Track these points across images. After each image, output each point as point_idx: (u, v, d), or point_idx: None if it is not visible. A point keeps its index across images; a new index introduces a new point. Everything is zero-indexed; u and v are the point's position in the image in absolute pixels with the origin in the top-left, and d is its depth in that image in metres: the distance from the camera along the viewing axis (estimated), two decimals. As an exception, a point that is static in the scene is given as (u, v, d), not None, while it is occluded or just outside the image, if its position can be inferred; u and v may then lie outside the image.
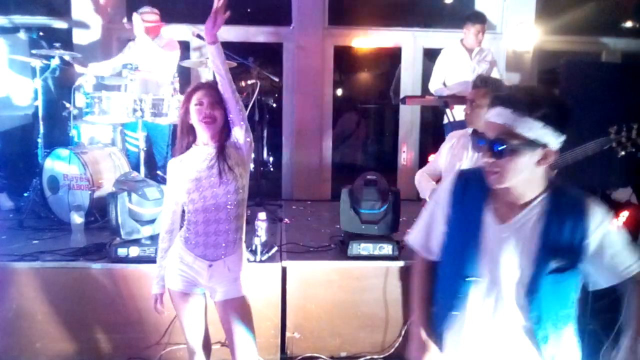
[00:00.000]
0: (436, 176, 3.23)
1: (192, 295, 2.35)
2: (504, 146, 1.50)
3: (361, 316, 3.40)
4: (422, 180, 3.26)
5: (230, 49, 4.82)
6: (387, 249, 3.38)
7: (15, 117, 5.18)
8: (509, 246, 1.57)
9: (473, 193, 1.67)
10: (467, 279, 1.62)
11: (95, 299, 3.26)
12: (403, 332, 3.35)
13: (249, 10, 6.61)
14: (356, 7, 6.50)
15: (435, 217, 1.77)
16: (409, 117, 6.22)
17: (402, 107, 6.20)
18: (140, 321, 3.26)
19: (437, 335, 1.73)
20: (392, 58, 6.59)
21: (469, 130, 3.02)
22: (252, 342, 2.34)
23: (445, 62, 5.04)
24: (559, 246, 1.54)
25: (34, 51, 4.77)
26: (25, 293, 3.27)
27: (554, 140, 1.51)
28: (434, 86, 5.04)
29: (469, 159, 2.91)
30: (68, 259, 3.33)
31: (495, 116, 1.53)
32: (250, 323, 2.34)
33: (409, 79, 6.18)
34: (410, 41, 6.18)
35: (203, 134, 2.29)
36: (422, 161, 6.29)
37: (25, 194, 4.56)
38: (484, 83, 2.88)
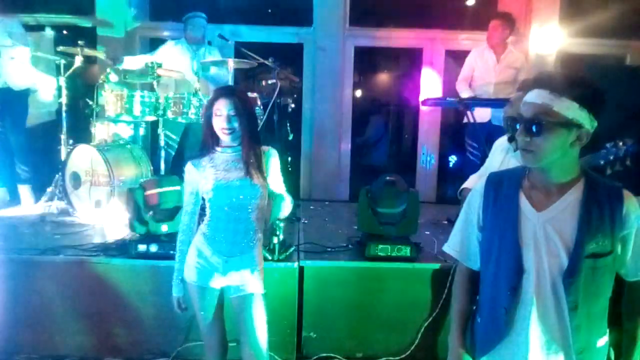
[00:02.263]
0: None
1: (209, 289, 2.38)
2: (541, 124, 1.52)
3: (378, 317, 3.39)
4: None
5: (251, 49, 4.87)
6: (405, 250, 3.36)
7: (40, 114, 5.27)
8: (549, 232, 1.59)
9: (506, 190, 1.69)
10: (514, 274, 1.62)
11: (115, 294, 3.29)
12: (420, 335, 3.33)
13: (269, 10, 6.64)
14: (378, 7, 6.48)
15: (469, 222, 1.79)
16: (429, 119, 6.19)
17: (422, 109, 6.17)
18: (158, 317, 3.29)
19: (478, 345, 1.75)
20: (413, 59, 6.56)
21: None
22: (263, 338, 2.36)
23: (472, 62, 5.01)
24: (597, 231, 1.56)
25: (58, 49, 4.85)
26: (47, 287, 3.32)
27: (588, 122, 1.54)
28: (460, 86, 5.02)
29: (505, 164, 2.87)
30: (89, 254, 3.37)
31: (533, 97, 1.57)
32: (262, 319, 2.37)
33: (429, 81, 6.14)
34: (431, 43, 6.15)
35: (225, 141, 2.34)
36: (442, 163, 6.27)
37: (48, 189, 4.63)
38: (525, 87, 2.86)
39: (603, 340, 1.66)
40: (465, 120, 5.00)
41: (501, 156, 2.99)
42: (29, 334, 3.33)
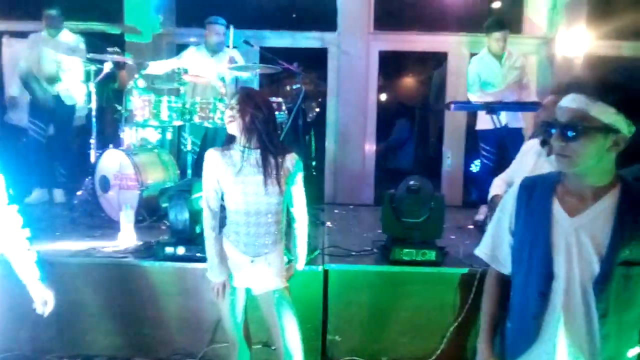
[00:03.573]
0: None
1: (235, 289, 2.42)
2: (578, 129, 1.51)
3: (403, 322, 3.38)
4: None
5: (276, 54, 4.91)
6: (430, 254, 3.34)
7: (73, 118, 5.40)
8: (581, 238, 1.57)
9: (539, 194, 1.67)
10: (544, 279, 1.61)
11: (143, 295, 3.35)
12: (445, 340, 3.31)
13: (294, 15, 6.69)
14: (402, 12, 6.48)
15: (501, 226, 1.78)
16: (454, 123, 6.16)
17: (447, 113, 6.14)
18: (185, 318, 3.34)
19: (508, 351, 1.74)
20: (437, 63, 6.54)
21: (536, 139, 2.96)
22: (296, 329, 2.39)
23: (476, 70, 4.98)
24: (631, 239, 1.53)
25: (89, 55, 4.98)
26: (77, 287, 3.39)
27: (625, 127, 1.51)
28: (473, 94, 4.98)
29: (538, 168, 2.85)
30: (118, 256, 3.44)
31: (569, 101, 1.55)
32: (292, 311, 2.39)
33: (454, 85, 6.12)
34: (456, 46, 6.12)
35: (240, 138, 2.36)
36: (467, 167, 6.23)
37: (79, 193, 4.74)
38: (559, 90, 2.84)
39: (634, 351, 1.62)
40: (479, 127, 4.97)
41: (533, 160, 2.96)
42: (60, 334, 3.40)
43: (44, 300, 2.30)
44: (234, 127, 2.34)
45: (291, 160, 2.40)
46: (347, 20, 6.01)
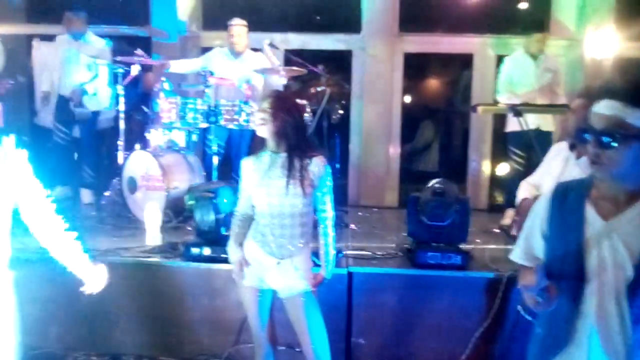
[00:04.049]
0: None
1: (261, 290, 2.44)
2: (615, 137, 1.48)
3: (427, 326, 3.36)
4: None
5: (300, 56, 4.93)
6: (455, 258, 3.31)
7: (100, 121, 5.49)
8: (615, 242, 1.55)
9: (573, 198, 1.65)
10: (576, 283, 1.59)
11: (169, 295, 3.39)
12: (471, 345, 3.28)
13: (318, 18, 6.70)
14: (427, 14, 6.44)
15: (534, 230, 1.76)
16: (480, 125, 6.10)
17: (472, 115, 6.09)
18: (210, 318, 3.37)
19: (538, 357, 1.72)
20: (463, 65, 6.49)
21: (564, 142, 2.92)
22: (323, 332, 2.39)
23: (510, 70, 4.92)
24: None
25: (117, 58, 5.07)
26: (105, 287, 3.44)
27: None
28: (503, 95, 4.92)
29: (568, 172, 2.81)
30: (145, 256, 3.49)
31: (604, 108, 1.52)
32: (319, 316, 2.40)
33: (480, 87, 6.06)
34: (482, 48, 6.07)
35: (269, 141, 2.38)
36: (494, 170, 6.16)
37: (106, 193, 4.82)
38: (587, 94, 2.80)
39: None
40: (508, 129, 4.91)
41: (561, 164, 2.91)
42: (87, 332, 3.46)
43: (96, 277, 2.27)
44: (264, 130, 2.36)
45: (318, 164, 2.40)
46: (372, 23, 6.00)
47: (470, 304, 3.31)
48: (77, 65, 5.20)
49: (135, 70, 4.99)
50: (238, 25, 5.12)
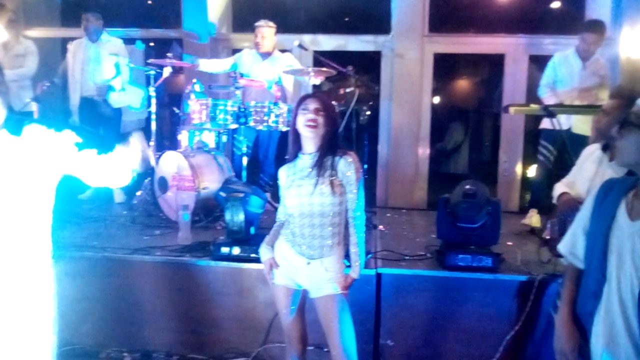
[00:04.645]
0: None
1: (293, 290, 2.44)
2: None
3: (456, 328, 3.32)
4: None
5: (329, 57, 4.94)
6: (486, 261, 3.27)
7: (132, 122, 5.60)
8: (636, 243, 1.54)
9: (612, 196, 1.66)
10: (596, 280, 1.58)
11: (199, 293, 3.43)
12: (501, 348, 3.23)
13: (347, 19, 6.70)
14: (458, 13, 6.38)
15: (579, 224, 1.78)
16: (511, 126, 6.01)
17: (504, 115, 6.01)
18: (239, 317, 3.40)
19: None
20: (494, 65, 6.41)
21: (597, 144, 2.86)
22: (352, 335, 2.37)
23: (555, 67, 4.83)
24: None
25: (149, 61, 5.16)
26: (136, 284, 3.51)
27: None
28: (543, 91, 4.84)
29: (600, 174, 2.75)
30: (175, 255, 3.53)
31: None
32: (348, 318, 2.38)
33: (512, 87, 5.97)
34: (514, 48, 5.98)
35: (307, 142, 2.38)
36: (526, 172, 6.06)
37: (138, 193, 4.90)
38: (619, 95, 2.74)
39: None
40: (543, 126, 4.82)
41: (594, 166, 2.85)
42: (119, 329, 3.52)
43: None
44: (313, 132, 2.34)
45: (348, 163, 2.39)
46: (402, 23, 5.97)
47: (501, 307, 3.26)
48: (98, 65, 5.28)
49: (166, 72, 5.08)
50: (264, 27, 5.17)
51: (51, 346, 2.00)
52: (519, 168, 6.03)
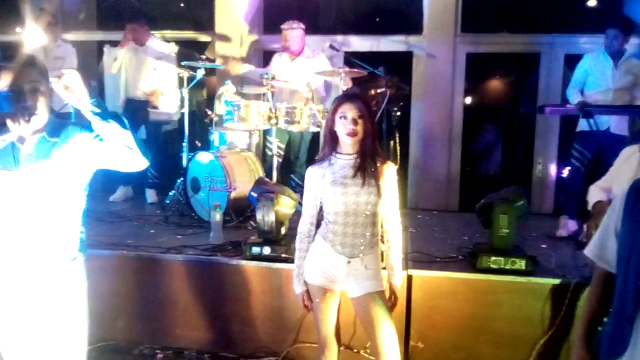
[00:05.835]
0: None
1: (330, 290, 2.43)
2: None
3: (488, 332, 3.27)
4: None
5: (360, 58, 4.93)
6: (519, 263, 3.21)
7: (165, 123, 5.70)
8: None
9: None
10: (637, 282, 1.53)
11: (230, 292, 3.47)
12: (534, 353, 3.17)
13: (378, 20, 6.68)
14: (491, 13, 6.30)
15: (609, 226, 1.73)
16: (546, 127, 5.90)
17: (538, 116, 5.90)
18: (270, 317, 3.42)
19: (601, 356, 1.68)
20: (528, 64, 6.30)
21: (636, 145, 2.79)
22: (393, 332, 2.36)
23: (586, 68, 4.71)
24: None
25: (182, 63, 5.25)
26: (169, 283, 3.57)
27: None
28: (572, 94, 4.73)
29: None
30: (207, 254, 3.58)
31: None
32: (388, 315, 2.37)
33: (547, 87, 5.86)
34: (549, 47, 5.87)
35: (346, 145, 2.38)
36: (559, 173, 5.94)
37: (171, 193, 4.98)
38: None
39: None
40: (579, 128, 4.70)
41: (634, 167, 2.78)
42: (152, 326, 3.59)
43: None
44: (354, 140, 2.34)
45: (389, 167, 2.42)
46: (433, 23, 5.92)
47: (535, 310, 3.19)
48: (144, 70, 5.42)
49: (200, 74, 5.16)
50: (292, 29, 5.19)
51: (84, 342, 2.04)
52: (553, 170, 5.91)
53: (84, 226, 2.04)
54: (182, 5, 7.35)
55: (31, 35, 5.08)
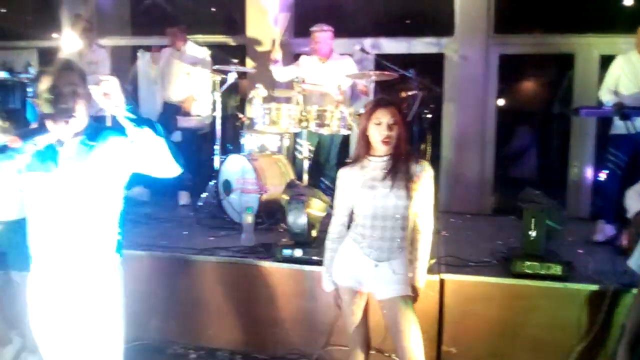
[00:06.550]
0: None
1: (358, 292, 2.43)
2: None
3: (523, 337, 3.21)
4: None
5: (391, 60, 4.91)
6: (555, 268, 3.15)
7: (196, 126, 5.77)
8: None
9: None
10: None
11: (262, 294, 3.49)
12: (570, 360, 3.10)
13: (408, 22, 6.63)
14: (524, 13, 6.19)
15: None
16: (582, 129, 5.77)
17: (574, 118, 5.77)
18: (301, 319, 3.43)
19: None
20: (563, 66, 6.17)
21: None
22: (419, 337, 2.34)
23: (618, 69, 4.59)
24: None
25: (215, 67, 5.31)
26: (202, 284, 3.61)
27: None
28: (605, 95, 4.61)
29: None
30: (239, 256, 3.61)
31: None
32: (415, 320, 2.35)
33: (582, 89, 5.74)
34: (584, 48, 5.74)
35: (380, 150, 2.38)
36: (596, 177, 5.80)
37: (203, 195, 5.04)
38: None
39: None
40: (613, 131, 4.57)
41: None
42: (185, 326, 3.63)
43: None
44: (384, 147, 2.34)
45: (422, 168, 2.40)
46: (465, 24, 5.86)
47: (571, 317, 3.13)
48: (180, 75, 5.50)
49: (232, 77, 5.21)
50: (320, 32, 5.20)
51: (119, 341, 2.08)
52: (589, 173, 5.77)
53: (121, 228, 2.08)
54: (213, 9, 7.43)
55: (68, 40, 5.21)
